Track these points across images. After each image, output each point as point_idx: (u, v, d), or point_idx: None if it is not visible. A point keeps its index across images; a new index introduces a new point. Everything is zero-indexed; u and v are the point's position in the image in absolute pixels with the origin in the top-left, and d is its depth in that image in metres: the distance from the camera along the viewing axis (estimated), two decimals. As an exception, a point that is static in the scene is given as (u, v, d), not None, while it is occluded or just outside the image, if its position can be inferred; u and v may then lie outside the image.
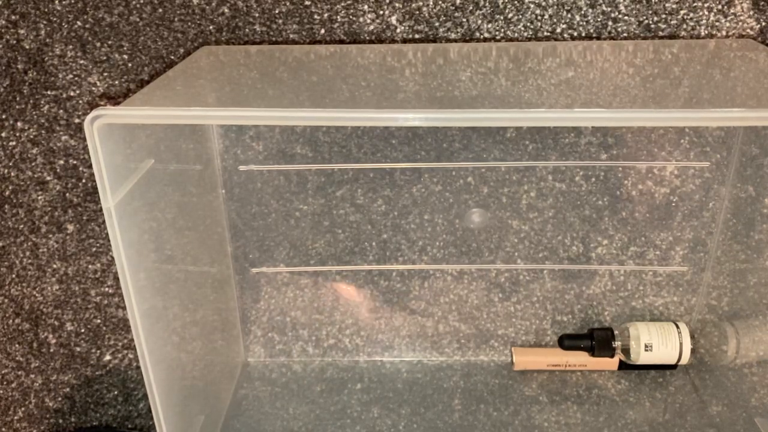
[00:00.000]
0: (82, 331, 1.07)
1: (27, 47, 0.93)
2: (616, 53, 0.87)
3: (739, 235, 0.95)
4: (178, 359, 0.85)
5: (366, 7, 0.91)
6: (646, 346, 1.00)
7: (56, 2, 0.90)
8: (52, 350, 1.08)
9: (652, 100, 0.71)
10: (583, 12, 0.90)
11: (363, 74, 0.85)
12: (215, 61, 0.87)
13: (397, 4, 0.90)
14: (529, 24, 0.91)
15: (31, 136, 0.97)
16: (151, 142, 0.76)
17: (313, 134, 0.97)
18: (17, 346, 1.08)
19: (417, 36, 0.92)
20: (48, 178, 0.99)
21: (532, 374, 1.07)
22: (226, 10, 0.91)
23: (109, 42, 0.92)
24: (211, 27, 0.92)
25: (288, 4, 0.90)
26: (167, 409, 0.78)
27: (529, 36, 0.92)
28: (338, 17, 0.91)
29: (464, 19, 0.91)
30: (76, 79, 0.94)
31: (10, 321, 1.07)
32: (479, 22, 0.91)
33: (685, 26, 0.91)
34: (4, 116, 0.96)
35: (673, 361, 1.02)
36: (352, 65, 0.87)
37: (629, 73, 0.81)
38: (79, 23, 0.91)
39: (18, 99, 0.95)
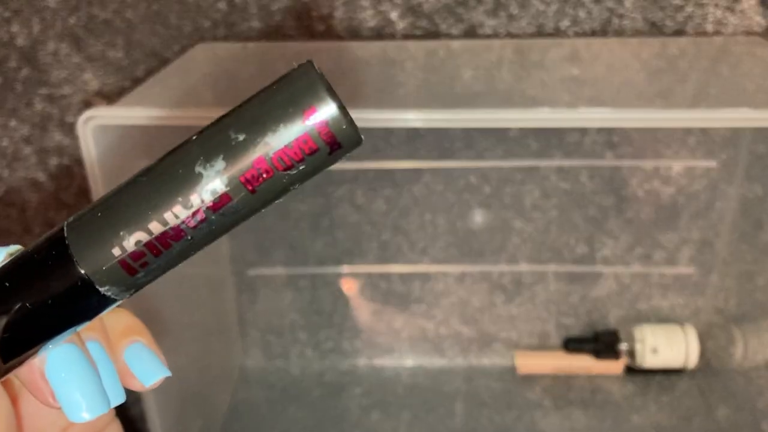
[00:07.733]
0: (77, 334, 1.06)
1: (20, 44, 0.91)
2: (621, 49, 0.86)
3: (746, 235, 0.94)
4: (174, 362, 0.83)
5: (366, 2, 0.89)
6: (652, 349, 0.99)
7: (50, -2, 0.89)
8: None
9: (659, 96, 0.70)
10: (587, 8, 0.89)
11: (363, 68, 0.83)
12: (211, 57, 0.86)
13: (397, 0, 0.89)
14: (532, 20, 0.90)
15: (24, 135, 0.96)
16: (147, 141, 0.75)
17: (312, 133, 0.95)
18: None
19: (418, 32, 0.91)
20: (41, 178, 0.98)
21: (535, 378, 1.05)
22: (223, 6, 0.90)
23: (104, 39, 0.91)
24: (207, 23, 0.90)
25: (286, -1, 0.89)
26: (163, 413, 0.77)
27: (532, 32, 0.90)
28: (337, 13, 0.90)
29: (466, 15, 0.90)
30: (70, 76, 0.93)
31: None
32: (481, 17, 0.90)
33: (691, 23, 0.90)
34: (-3, 115, 0.95)
35: (679, 365, 1.00)
36: (351, 59, 0.86)
37: (635, 67, 0.80)
38: (72, 20, 0.90)
39: (11, 97, 0.94)
